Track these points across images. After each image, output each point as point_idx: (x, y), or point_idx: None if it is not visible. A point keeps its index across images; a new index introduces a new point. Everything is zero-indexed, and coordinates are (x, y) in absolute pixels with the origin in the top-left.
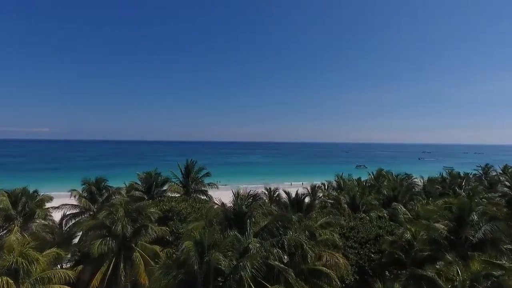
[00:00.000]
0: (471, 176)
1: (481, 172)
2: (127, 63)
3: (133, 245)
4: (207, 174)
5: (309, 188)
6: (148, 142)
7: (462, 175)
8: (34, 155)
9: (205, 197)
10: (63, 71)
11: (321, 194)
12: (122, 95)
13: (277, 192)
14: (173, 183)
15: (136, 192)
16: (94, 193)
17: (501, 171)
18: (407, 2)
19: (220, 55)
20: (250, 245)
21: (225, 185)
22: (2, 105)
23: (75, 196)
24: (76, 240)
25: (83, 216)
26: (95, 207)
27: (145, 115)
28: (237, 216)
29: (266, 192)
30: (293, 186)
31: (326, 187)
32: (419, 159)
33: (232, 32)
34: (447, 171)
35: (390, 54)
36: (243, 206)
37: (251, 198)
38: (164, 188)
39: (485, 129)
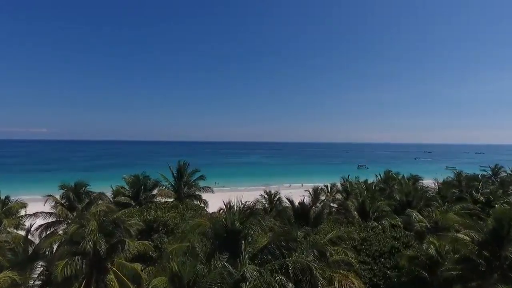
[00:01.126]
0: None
1: (490, 173)
2: (127, 63)
3: (109, 264)
4: (201, 177)
5: (311, 191)
6: (148, 142)
7: (479, 176)
8: (29, 155)
9: (198, 202)
10: (63, 71)
11: (323, 197)
12: (122, 95)
13: (277, 196)
14: (163, 187)
15: (122, 197)
16: (72, 199)
17: (511, 172)
18: (407, 2)
19: (221, 55)
20: (246, 273)
21: (223, 186)
22: (1, 105)
23: (52, 203)
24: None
25: (60, 226)
26: (74, 215)
27: (145, 115)
28: (229, 234)
29: (266, 196)
30: (292, 188)
31: (329, 189)
32: (415, 159)
33: (232, 32)
34: (455, 171)
35: (390, 54)
36: (237, 223)
37: (247, 211)
38: (154, 192)
39: (485, 129)
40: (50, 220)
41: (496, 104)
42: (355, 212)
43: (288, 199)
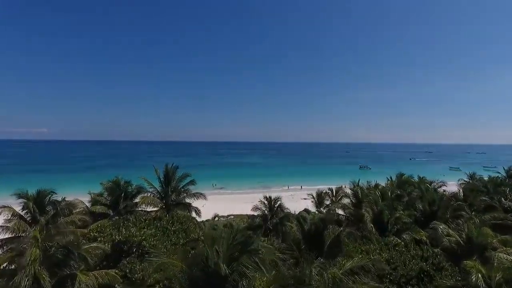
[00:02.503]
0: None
1: (504, 175)
2: (130, 64)
3: None
4: (192, 183)
5: (314, 195)
6: (147, 142)
7: (507, 180)
8: (23, 155)
9: (188, 211)
10: (63, 70)
11: (328, 201)
12: (122, 95)
13: (278, 202)
14: (148, 194)
15: (99, 207)
16: (32, 211)
17: None
18: (413, 2)
19: (222, 57)
20: None
21: (221, 188)
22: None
23: (9, 215)
24: None
25: (19, 243)
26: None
27: (145, 115)
28: (212, 280)
29: (266, 202)
30: (291, 190)
31: (334, 193)
32: (410, 159)
33: (232, 35)
34: (468, 173)
35: (390, 54)
36: (223, 266)
37: (240, 246)
38: (137, 200)
39: (486, 129)
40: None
41: (496, 104)
42: (371, 224)
43: (298, 218)
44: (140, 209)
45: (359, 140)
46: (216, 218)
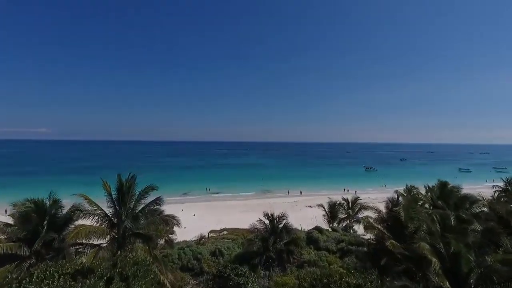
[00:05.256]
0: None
1: None
2: (133, 64)
3: None
4: (158, 202)
5: (325, 206)
6: (147, 142)
7: None
8: (13, 156)
9: (150, 246)
10: (63, 71)
11: (343, 214)
12: (121, 95)
13: (283, 222)
14: (91, 218)
15: (4, 244)
16: None
17: None
18: (406, 1)
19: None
20: None
21: (216, 193)
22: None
23: None
24: None
25: None
26: None
27: (145, 115)
28: None
29: (267, 222)
30: (291, 195)
31: (350, 205)
32: (401, 160)
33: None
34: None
35: (390, 54)
36: None
37: None
38: (72, 227)
39: (487, 129)
40: None
41: (496, 104)
42: (446, 280)
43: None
44: (75, 245)
45: (358, 140)
46: (203, 240)
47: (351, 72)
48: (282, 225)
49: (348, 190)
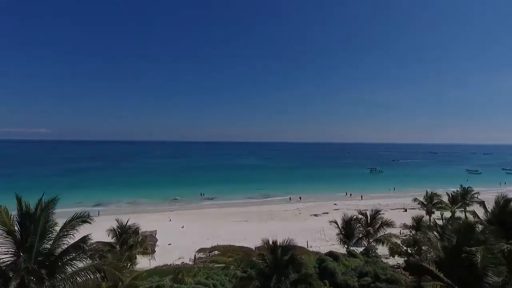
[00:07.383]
0: None
1: None
2: (134, 65)
3: None
4: (84, 240)
5: (338, 223)
6: (146, 142)
7: None
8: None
9: None
10: (63, 71)
11: (360, 233)
12: (122, 96)
13: (290, 253)
14: None
15: None
16: None
17: None
18: (410, 1)
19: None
20: None
21: (211, 199)
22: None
23: None
24: None
25: None
26: None
27: (144, 116)
28: None
29: (266, 254)
30: (292, 202)
31: (368, 219)
32: (393, 161)
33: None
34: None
35: (390, 54)
36: None
37: None
38: None
39: (489, 129)
40: None
41: (497, 105)
42: None
43: None
44: None
45: (358, 140)
46: (180, 275)
47: (351, 72)
48: (288, 256)
49: (351, 195)
